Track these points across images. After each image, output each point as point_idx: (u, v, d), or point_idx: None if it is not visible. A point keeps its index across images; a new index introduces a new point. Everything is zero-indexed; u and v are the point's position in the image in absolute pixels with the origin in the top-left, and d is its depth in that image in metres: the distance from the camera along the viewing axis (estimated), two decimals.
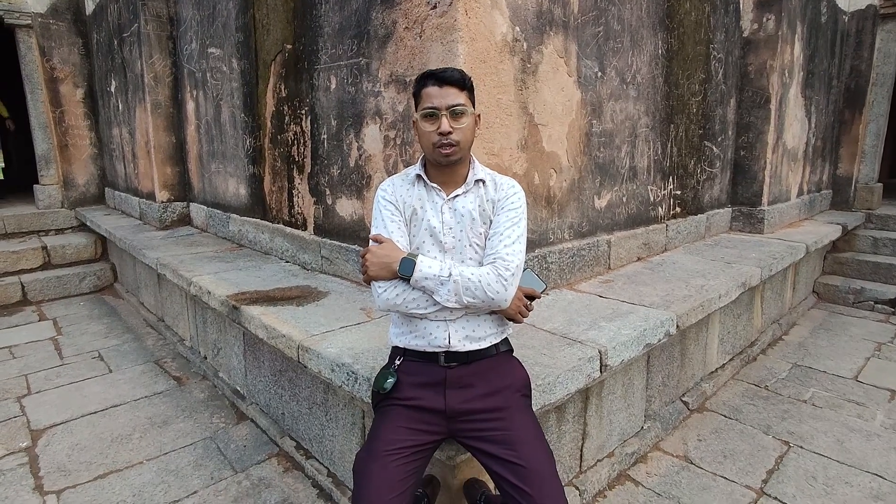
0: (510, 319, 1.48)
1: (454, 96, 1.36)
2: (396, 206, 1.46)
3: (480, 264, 1.44)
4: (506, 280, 1.36)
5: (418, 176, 1.47)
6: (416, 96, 1.42)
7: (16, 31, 5.62)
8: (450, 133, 1.35)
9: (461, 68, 2.07)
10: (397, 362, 1.46)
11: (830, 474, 2.32)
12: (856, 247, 5.19)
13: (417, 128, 1.42)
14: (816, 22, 4.82)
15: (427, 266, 1.36)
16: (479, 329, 1.43)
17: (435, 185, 1.45)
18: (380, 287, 1.40)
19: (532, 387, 1.59)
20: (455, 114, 1.36)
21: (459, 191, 1.44)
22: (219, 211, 4.24)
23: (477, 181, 1.46)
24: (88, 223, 5.56)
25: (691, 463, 2.42)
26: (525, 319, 1.50)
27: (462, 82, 1.38)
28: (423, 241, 1.45)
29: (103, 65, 5.70)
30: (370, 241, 1.45)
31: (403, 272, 1.36)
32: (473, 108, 1.42)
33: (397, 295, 1.38)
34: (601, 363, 1.90)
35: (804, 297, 4.67)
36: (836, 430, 2.68)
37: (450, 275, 1.35)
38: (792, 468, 2.37)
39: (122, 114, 5.36)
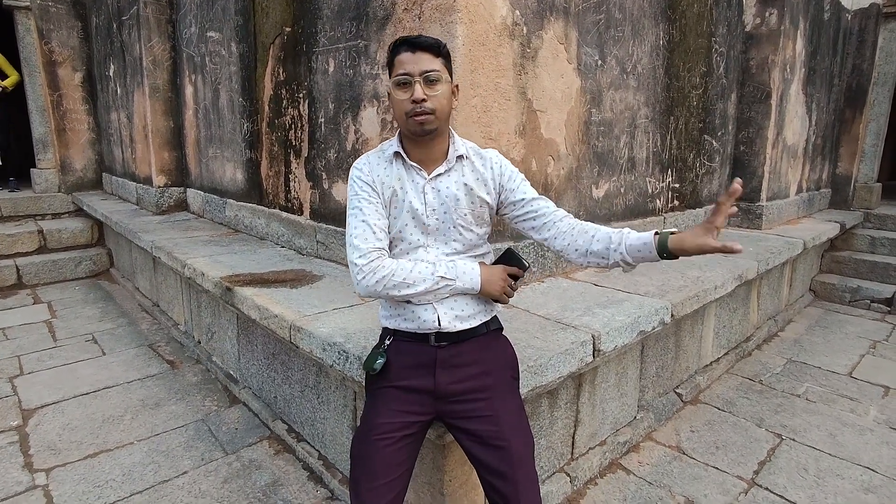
0: (495, 301, 1.43)
1: (428, 62, 1.28)
2: (373, 186, 1.37)
3: (464, 246, 1.40)
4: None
5: (397, 153, 1.38)
6: (390, 66, 1.34)
7: (14, 13, 5.58)
8: (424, 100, 1.27)
9: (460, 50, 2.06)
10: (387, 342, 1.43)
11: (822, 466, 2.32)
12: (853, 246, 5.19)
13: (391, 98, 1.33)
14: (819, 19, 4.80)
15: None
16: (467, 308, 1.39)
17: (414, 163, 1.37)
18: (359, 274, 1.32)
19: (523, 368, 1.58)
20: (429, 80, 1.28)
21: (441, 169, 1.37)
22: (215, 196, 4.22)
23: (458, 157, 1.39)
24: (85, 208, 5.53)
25: (683, 453, 2.42)
26: (512, 301, 1.46)
27: (437, 48, 1.30)
28: (406, 224, 1.37)
29: (102, 48, 5.67)
30: (351, 227, 1.36)
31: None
32: (451, 77, 1.35)
33: (377, 282, 1.31)
34: (594, 348, 1.90)
35: (801, 295, 4.67)
36: (829, 424, 2.68)
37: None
38: (784, 460, 2.37)
39: (120, 98, 5.32)
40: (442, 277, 1.33)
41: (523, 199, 1.42)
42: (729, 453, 2.42)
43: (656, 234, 1.31)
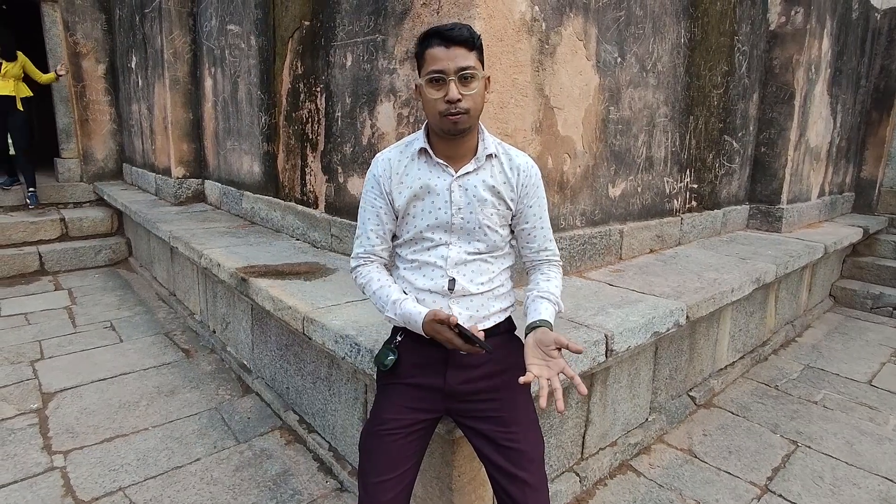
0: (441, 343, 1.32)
1: (463, 58, 1.20)
2: (383, 187, 1.38)
3: (487, 247, 1.37)
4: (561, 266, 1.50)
5: (422, 150, 1.34)
6: (419, 58, 1.26)
7: (41, 5, 5.69)
8: (459, 100, 1.20)
9: None
10: (398, 339, 1.42)
11: (838, 475, 2.28)
12: (876, 251, 5.07)
13: (421, 94, 1.27)
14: (847, 18, 4.69)
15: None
16: (482, 309, 1.37)
17: (441, 160, 1.33)
18: (351, 273, 1.46)
19: None
20: (465, 78, 1.21)
21: (469, 167, 1.32)
22: (233, 188, 4.27)
23: (488, 156, 1.34)
24: (106, 197, 5.64)
25: (695, 457, 2.39)
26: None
27: (472, 41, 1.22)
28: (428, 224, 1.34)
29: (125, 41, 5.76)
30: (357, 223, 1.46)
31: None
32: (483, 69, 1.27)
33: (359, 286, 1.46)
34: (607, 348, 1.88)
35: (820, 300, 4.58)
36: (846, 432, 2.63)
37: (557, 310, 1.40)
38: (799, 467, 2.33)
39: (141, 90, 5.41)
40: (389, 319, 1.37)
41: (526, 225, 1.43)
42: (742, 458, 2.38)
43: (534, 323, 1.33)
